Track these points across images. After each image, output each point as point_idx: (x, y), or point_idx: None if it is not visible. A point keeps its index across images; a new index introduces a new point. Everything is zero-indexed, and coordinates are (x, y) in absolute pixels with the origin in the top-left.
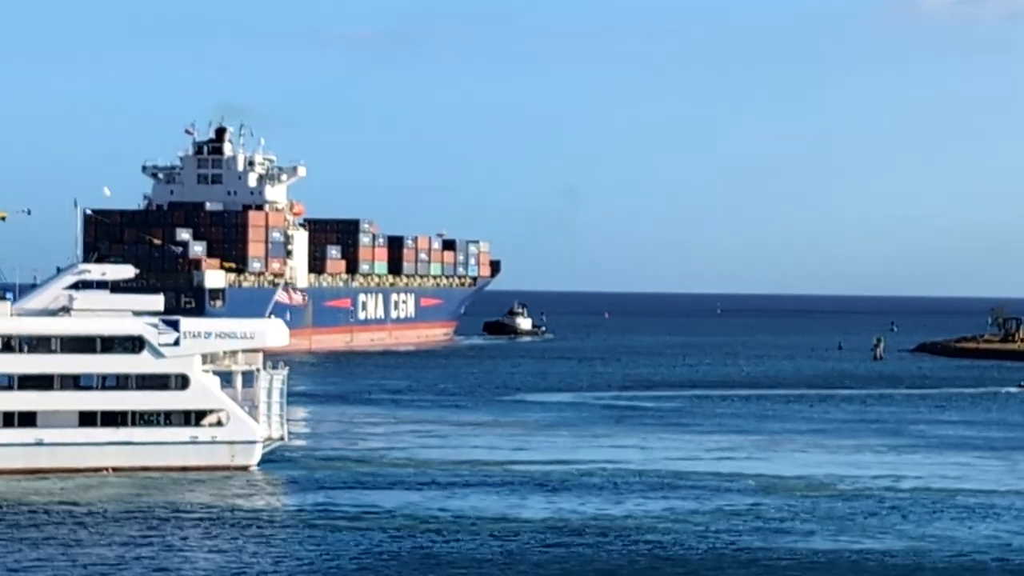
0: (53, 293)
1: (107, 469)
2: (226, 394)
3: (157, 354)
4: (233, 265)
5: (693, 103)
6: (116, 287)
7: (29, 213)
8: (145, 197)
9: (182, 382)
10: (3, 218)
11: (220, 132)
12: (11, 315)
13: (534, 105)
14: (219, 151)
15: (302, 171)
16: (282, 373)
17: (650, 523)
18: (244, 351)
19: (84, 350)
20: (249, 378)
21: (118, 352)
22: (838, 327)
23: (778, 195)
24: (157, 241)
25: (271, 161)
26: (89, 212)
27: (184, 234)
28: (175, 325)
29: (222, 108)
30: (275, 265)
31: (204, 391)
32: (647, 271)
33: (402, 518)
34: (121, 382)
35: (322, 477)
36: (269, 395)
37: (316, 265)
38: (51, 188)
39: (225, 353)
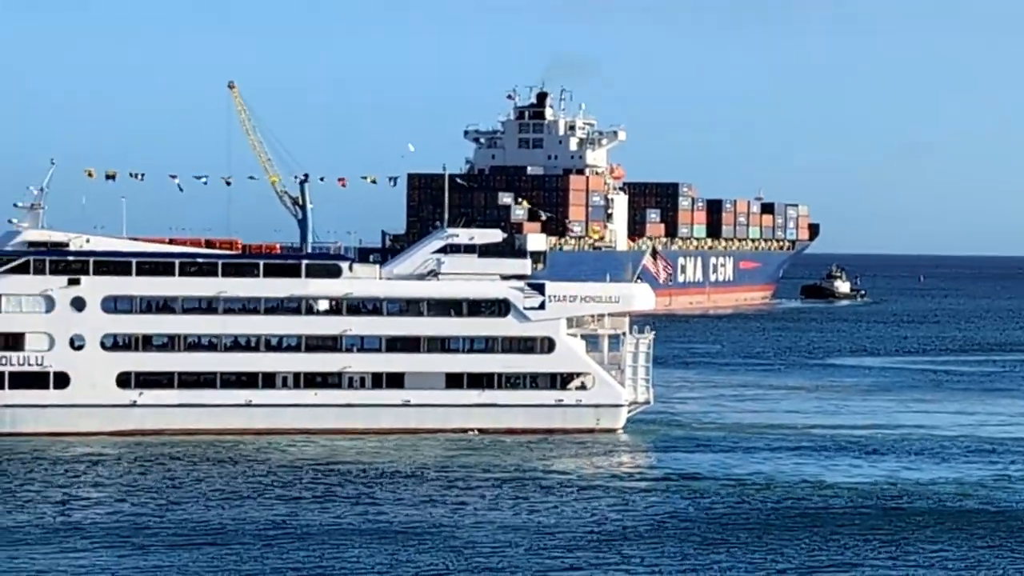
0: (422, 257)
1: (473, 430)
2: (592, 358)
3: (523, 318)
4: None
5: None
6: (484, 251)
7: (374, 182)
8: (467, 161)
9: (548, 345)
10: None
11: (541, 97)
12: (380, 278)
13: (858, 66)
14: (540, 116)
15: (622, 135)
16: (648, 337)
17: (975, 487)
18: (610, 315)
19: (451, 313)
20: (615, 342)
21: (484, 315)
22: None
23: None
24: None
25: (591, 125)
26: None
27: (506, 198)
28: (541, 289)
29: (556, 58)
30: (595, 228)
31: (570, 354)
32: (964, 234)
33: (756, 479)
34: (487, 345)
35: (679, 440)
36: (635, 359)
37: (635, 229)
38: (376, 152)
39: (591, 317)
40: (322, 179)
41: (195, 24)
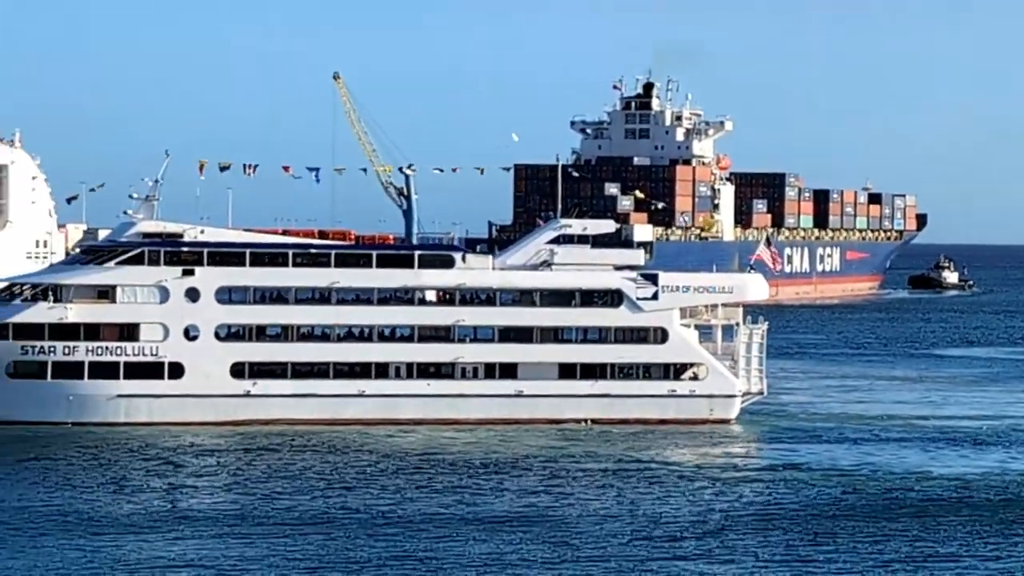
0: (535, 247)
1: (586, 421)
2: (705, 348)
3: (636, 308)
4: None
5: None
6: (596, 241)
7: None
8: (573, 152)
9: (661, 335)
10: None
11: (648, 87)
12: (493, 269)
13: (968, 53)
14: (647, 106)
15: (729, 125)
16: (762, 327)
17: None
18: (723, 305)
19: (564, 304)
20: (728, 332)
21: (597, 306)
22: None
23: None
24: (640, 194)
25: (698, 115)
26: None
27: (612, 188)
28: (654, 279)
29: (662, 48)
30: (701, 219)
31: (683, 345)
32: None
33: (863, 470)
34: (600, 335)
35: (786, 430)
36: (748, 349)
37: (742, 219)
38: (479, 142)
39: (705, 307)
40: (439, 170)
41: (301, 14)
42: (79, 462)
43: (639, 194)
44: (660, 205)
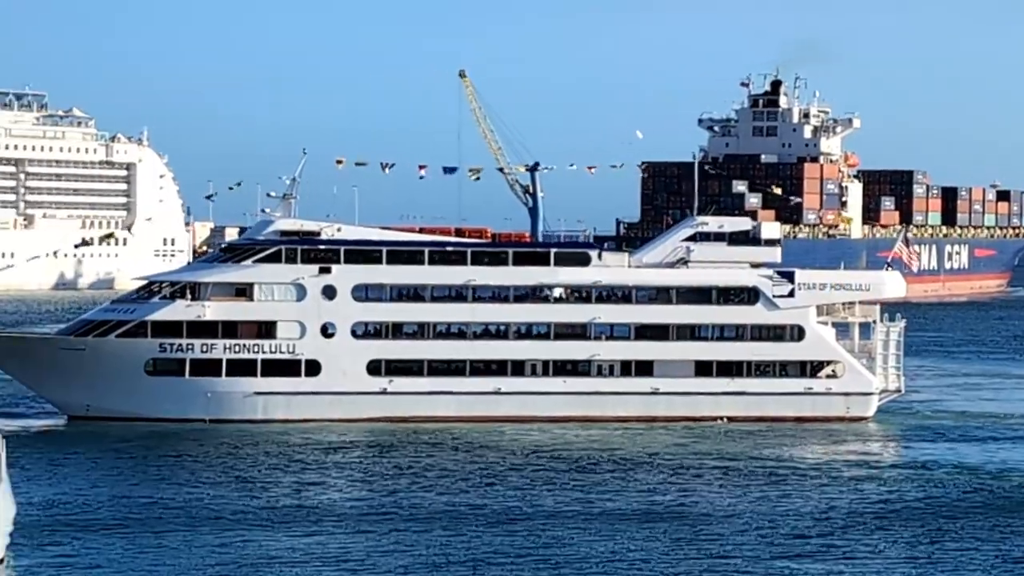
0: (672, 245)
1: (722, 419)
2: (842, 345)
3: (772, 306)
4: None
5: None
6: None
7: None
8: (701, 149)
9: (797, 333)
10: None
11: (776, 85)
12: (628, 266)
13: None
14: (774, 103)
15: (856, 123)
16: (899, 325)
17: None
18: (860, 302)
19: (700, 301)
20: (866, 329)
21: (733, 303)
22: None
23: None
24: (777, 190)
25: (826, 113)
26: (645, 165)
27: (740, 186)
28: (790, 276)
29: (789, 45)
30: (829, 217)
31: (820, 342)
32: None
33: (990, 468)
34: (736, 333)
35: (916, 429)
36: (886, 347)
37: (869, 216)
38: (604, 140)
39: (842, 304)
40: (571, 166)
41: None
42: (214, 458)
43: (776, 190)
44: (795, 200)
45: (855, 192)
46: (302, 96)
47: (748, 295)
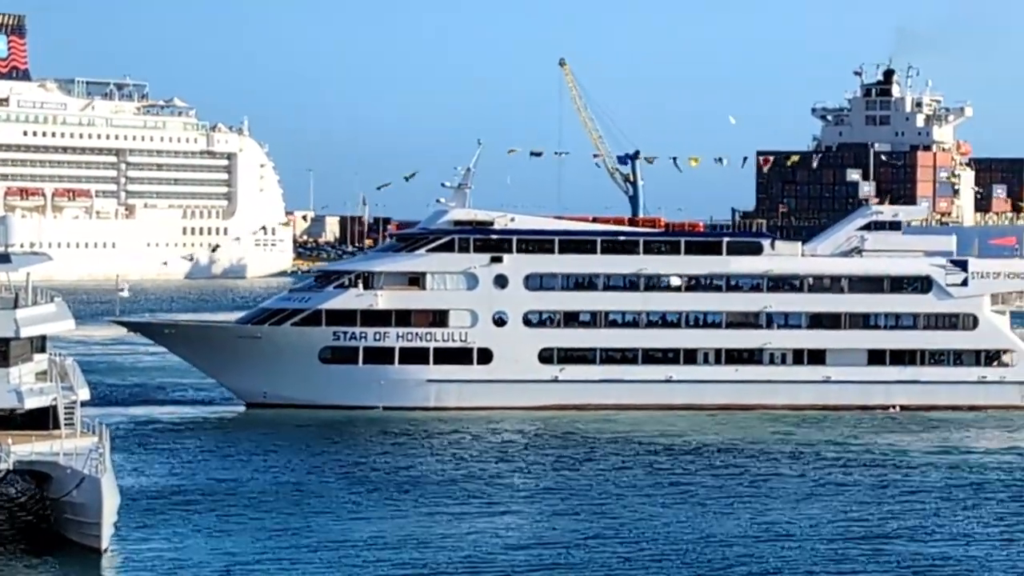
0: (846, 235)
1: (895, 407)
2: (1017, 335)
3: (945, 295)
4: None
5: None
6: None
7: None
8: (815, 139)
9: (971, 322)
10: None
11: (888, 74)
12: (801, 255)
13: None
14: (887, 93)
15: (968, 111)
16: None
17: None
18: None
19: (872, 290)
20: None
21: (906, 292)
22: None
23: None
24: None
25: (938, 102)
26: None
27: (853, 175)
28: (964, 265)
29: (902, 34)
30: (942, 205)
31: (994, 331)
32: None
33: None
34: (909, 321)
35: None
36: None
37: (981, 204)
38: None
39: (1017, 293)
40: (694, 161)
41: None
42: (388, 443)
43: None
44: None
45: (967, 180)
46: (402, 88)
47: (921, 284)
